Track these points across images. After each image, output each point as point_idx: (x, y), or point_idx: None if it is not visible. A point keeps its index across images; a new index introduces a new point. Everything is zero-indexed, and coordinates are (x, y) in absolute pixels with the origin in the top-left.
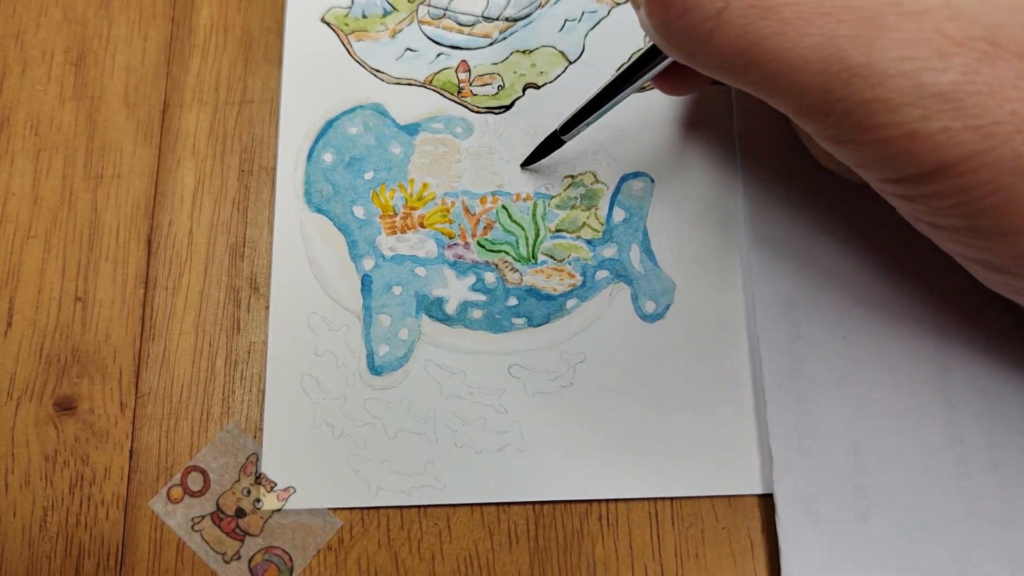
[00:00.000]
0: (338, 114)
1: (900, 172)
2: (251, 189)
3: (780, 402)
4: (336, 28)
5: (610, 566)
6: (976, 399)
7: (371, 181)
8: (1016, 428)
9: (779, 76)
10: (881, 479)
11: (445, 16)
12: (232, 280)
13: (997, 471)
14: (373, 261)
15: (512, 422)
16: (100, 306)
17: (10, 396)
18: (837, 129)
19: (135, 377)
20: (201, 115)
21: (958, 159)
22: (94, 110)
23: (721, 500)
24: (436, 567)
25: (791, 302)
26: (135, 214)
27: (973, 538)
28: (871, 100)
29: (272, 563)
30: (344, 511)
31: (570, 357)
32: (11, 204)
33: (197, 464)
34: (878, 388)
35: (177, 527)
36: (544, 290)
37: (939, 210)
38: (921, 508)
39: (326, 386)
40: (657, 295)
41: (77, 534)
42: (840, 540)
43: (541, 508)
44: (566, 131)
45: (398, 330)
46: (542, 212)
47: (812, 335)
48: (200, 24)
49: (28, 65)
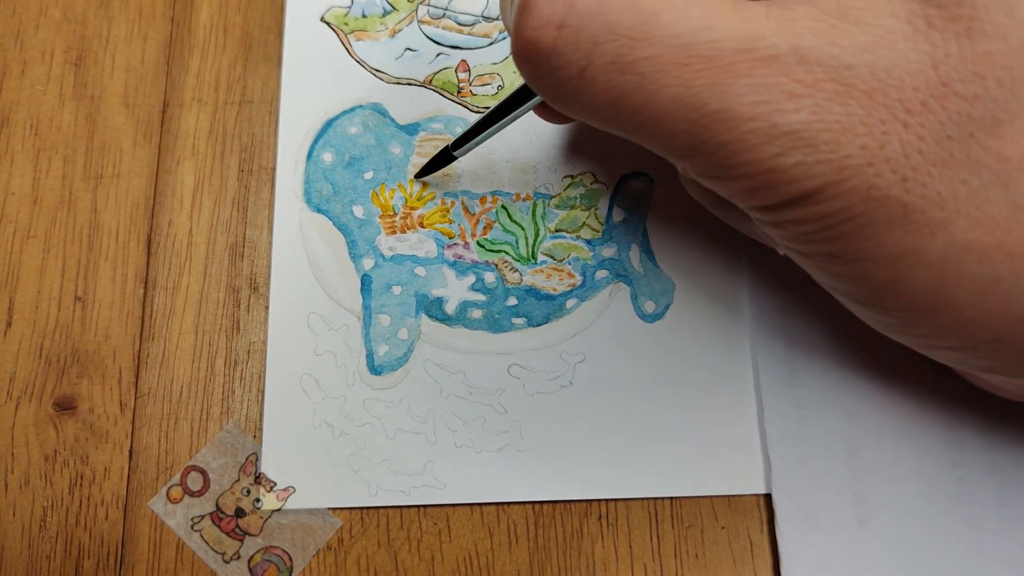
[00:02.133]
0: (338, 114)
1: (763, 202)
2: (251, 189)
3: (777, 409)
4: (336, 28)
5: (610, 566)
6: (973, 402)
7: (371, 181)
8: (1013, 431)
9: (645, 125)
10: (879, 484)
11: (445, 16)
12: (232, 280)
13: (994, 474)
14: (373, 261)
15: (512, 422)
16: (100, 306)
17: (10, 396)
18: (704, 168)
19: (135, 377)
20: (201, 115)
21: (813, 190)
22: (94, 110)
23: (721, 500)
24: (436, 567)
25: (786, 309)
26: (135, 214)
27: (971, 541)
28: (729, 142)
29: (272, 563)
30: (344, 511)
31: (570, 357)
32: (11, 204)
33: (197, 464)
34: (874, 393)
35: (177, 527)
36: (544, 290)
37: (802, 236)
38: (919, 512)
39: (326, 386)
40: (657, 295)
41: (77, 534)
42: (839, 546)
43: (541, 508)
44: (457, 147)
45: (398, 330)
46: (542, 212)
47: (807, 341)
48: (200, 24)
49: (28, 65)
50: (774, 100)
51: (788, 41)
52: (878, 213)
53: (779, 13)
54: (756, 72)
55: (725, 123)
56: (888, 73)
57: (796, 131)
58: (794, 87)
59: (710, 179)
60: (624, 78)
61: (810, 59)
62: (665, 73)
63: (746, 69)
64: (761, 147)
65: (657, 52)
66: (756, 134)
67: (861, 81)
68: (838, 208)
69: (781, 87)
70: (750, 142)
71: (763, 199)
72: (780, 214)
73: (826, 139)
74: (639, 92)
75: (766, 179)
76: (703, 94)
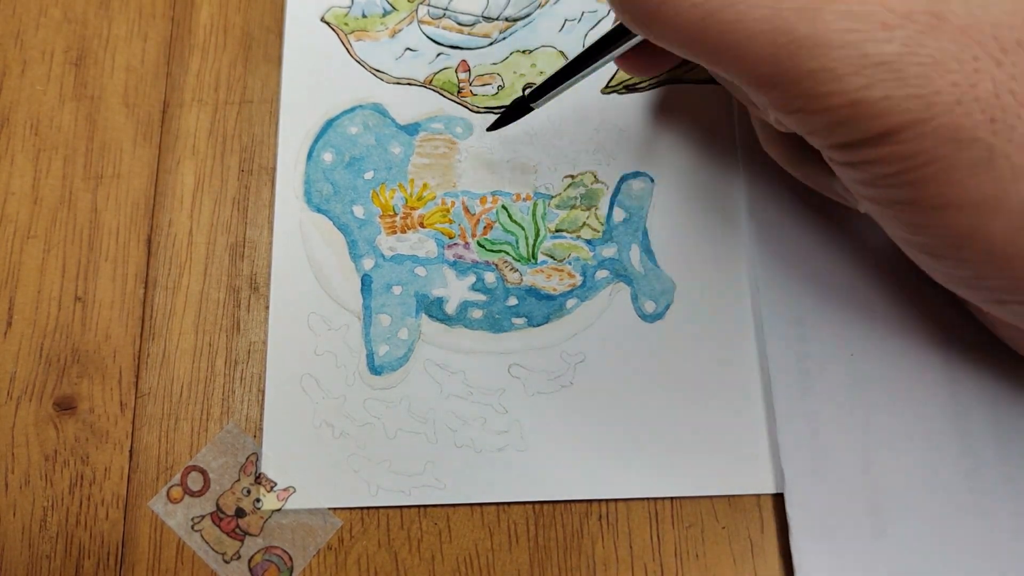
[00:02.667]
0: (338, 114)
1: (845, 138)
2: (251, 189)
3: (790, 420)
4: (336, 28)
5: (610, 566)
6: (986, 412)
7: (371, 181)
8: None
9: (730, 48)
10: (894, 495)
11: (445, 16)
12: (232, 280)
13: (1009, 484)
14: (373, 261)
15: (512, 422)
16: (100, 306)
17: (10, 396)
18: (787, 99)
19: (135, 377)
20: (201, 115)
21: (899, 126)
22: (94, 110)
23: (721, 500)
24: (436, 567)
25: (799, 320)
26: (135, 214)
27: (987, 551)
28: (816, 70)
29: (272, 563)
30: (344, 511)
31: (570, 357)
32: (11, 204)
33: (197, 464)
34: (888, 404)
35: (177, 527)
36: (544, 290)
37: (881, 178)
38: (934, 523)
39: (326, 386)
40: (657, 295)
41: (77, 534)
42: (855, 558)
43: (541, 508)
44: (535, 98)
45: (398, 330)
46: (542, 212)
47: (820, 353)
48: (200, 24)
49: (28, 65)
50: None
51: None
52: (963, 155)
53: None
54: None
55: (813, 49)
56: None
57: (887, 62)
58: (887, 17)
59: (792, 112)
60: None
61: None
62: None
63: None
64: (849, 77)
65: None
66: (845, 63)
67: (956, 16)
68: (923, 148)
69: (874, 16)
70: (838, 71)
71: (846, 134)
72: (862, 153)
73: (916, 73)
74: (728, 11)
75: (851, 112)
76: (793, 18)
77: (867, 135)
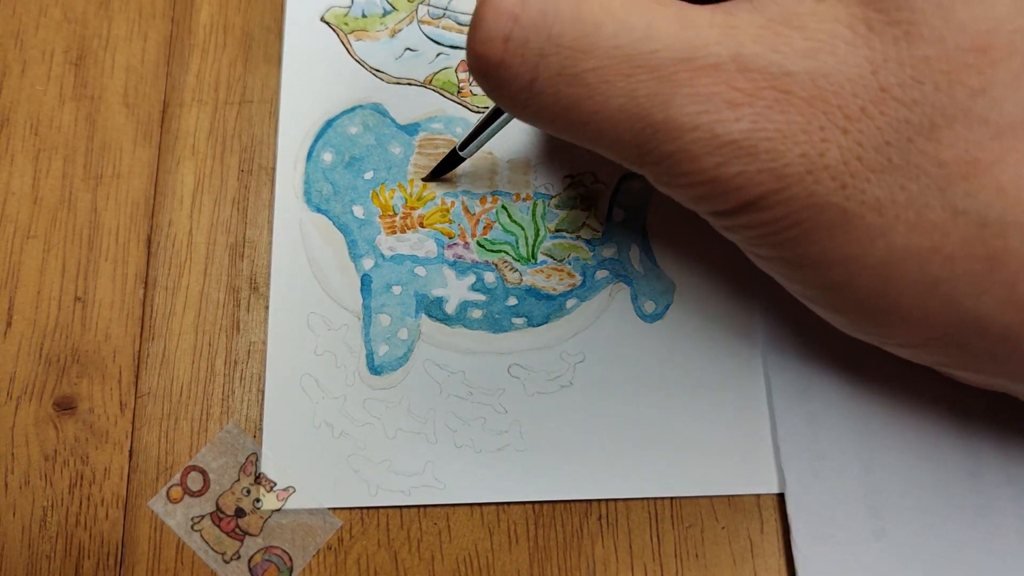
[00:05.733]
0: (338, 114)
1: (713, 208)
2: (251, 189)
3: (791, 423)
4: (336, 28)
5: (610, 566)
6: (989, 413)
7: (371, 181)
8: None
9: (596, 135)
10: (895, 498)
11: (445, 16)
12: (232, 280)
13: (1012, 485)
14: (373, 261)
15: (512, 422)
16: (100, 306)
17: (10, 396)
18: (655, 176)
19: (135, 377)
20: (201, 115)
21: (756, 197)
22: (94, 110)
23: (721, 500)
24: (436, 567)
25: (800, 325)
26: (135, 214)
27: (990, 553)
28: (674, 152)
29: (272, 563)
30: (344, 511)
31: (570, 357)
32: (11, 204)
33: (197, 464)
34: (888, 406)
35: (177, 527)
36: (544, 290)
37: (754, 240)
38: (936, 525)
39: (326, 386)
40: (657, 295)
41: (77, 534)
42: (856, 560)
43: (541, 508)
44: (463, 147)
45: (398, 330)
46: (542, 212)
47: (821, 356)
48: (200, 24)
49: (28, 65)
50: (715, 110)
51: (730, 49)
52: (819, 219)
53: (723, 20)
54: (697, 81)
55: (669, 133)
56: (828, 79)
57: (736, 140)
58: (734, 96)
59: (663, 187)
60: (571, 90)
61: (751, 67)
62: (610, 84)
63: (687, 79)
64: (704, 157)
65: (602, 63)
66: (698, 144)
67: (801, 88)
68: (781, 215)
69: (721, 96)
70: (693, 152)
71: (712, 206)
72: (730, 220)
73: (766, 148)
74: (587, 103)
75: (712, 188)
76: (647, 104)
77: (730, 206)
